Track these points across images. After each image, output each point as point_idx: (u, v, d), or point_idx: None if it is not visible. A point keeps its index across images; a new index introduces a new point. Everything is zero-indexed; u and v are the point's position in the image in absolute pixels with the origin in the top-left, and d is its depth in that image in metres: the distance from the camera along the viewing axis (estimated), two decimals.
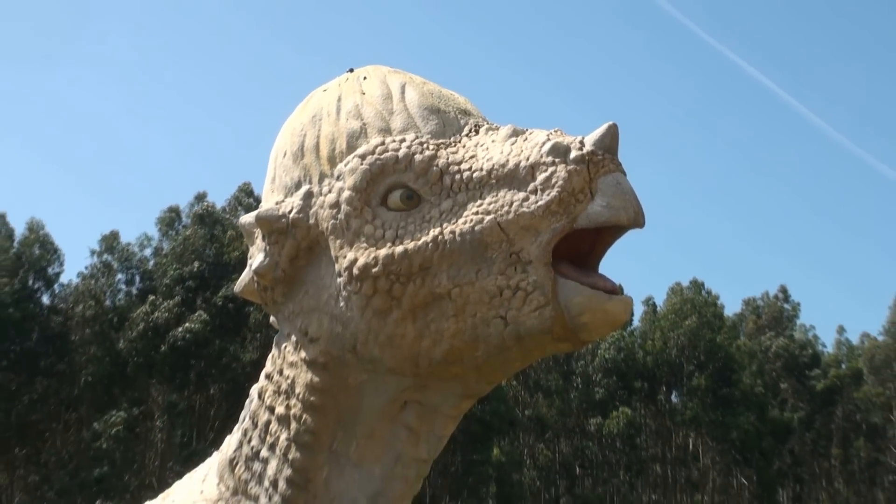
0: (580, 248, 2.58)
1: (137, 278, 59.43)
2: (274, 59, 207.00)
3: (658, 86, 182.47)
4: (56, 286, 57.99)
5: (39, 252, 57.81)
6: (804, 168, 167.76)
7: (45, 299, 57.17)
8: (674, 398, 70.54)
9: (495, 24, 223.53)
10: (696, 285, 72.40)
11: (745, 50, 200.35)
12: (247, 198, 58.24)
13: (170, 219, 59.70)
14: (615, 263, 2.56)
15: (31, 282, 56.42)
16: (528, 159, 2.55)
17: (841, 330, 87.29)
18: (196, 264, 55.64)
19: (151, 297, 55.02)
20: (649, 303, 74.38)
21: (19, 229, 58.34)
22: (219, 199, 61.26)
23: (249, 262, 2.98)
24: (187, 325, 52.35)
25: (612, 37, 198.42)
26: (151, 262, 59.22)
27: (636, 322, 71.91)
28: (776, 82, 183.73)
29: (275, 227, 2.80)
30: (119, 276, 59.70)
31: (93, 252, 59.54)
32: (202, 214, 57.72)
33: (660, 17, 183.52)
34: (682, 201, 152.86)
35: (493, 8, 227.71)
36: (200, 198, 58.82)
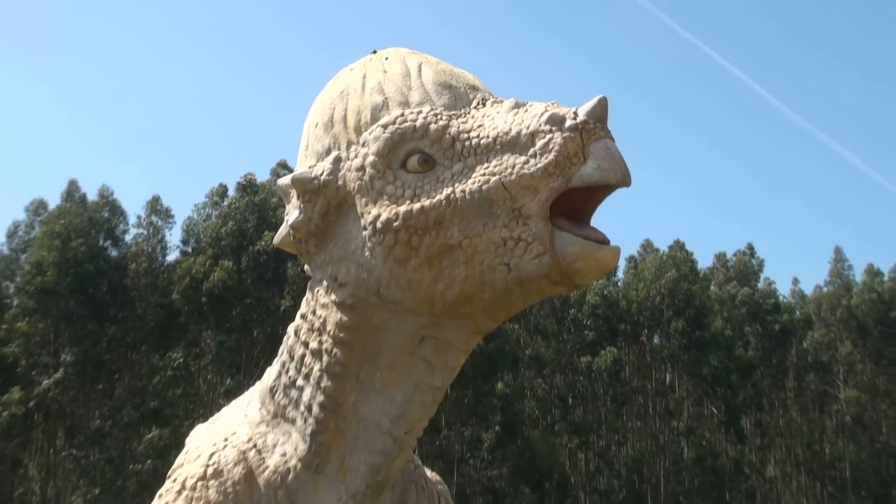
0: (574, 204, 2.67)
1: (189, 238, 61.43)
2: (310, 51, 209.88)
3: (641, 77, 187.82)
4: (122, 244, 60.11)
5: (108, 215, 59.74)
6: (764, 146, 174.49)
7: (113, 253, 59.26)
8: (655, 340, 72.37)
9: (491, 21, 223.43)
10: (678, 245, 74.23)
11: (700, 30, 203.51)
12: (284, 170, 56.86)
13: (221, 190, 62.09)
14: (604, 221, 2.75)
15: (101, 241, 58.42)
16: (528, 128, 2.65)
17: (795, 281, 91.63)
18: (238, 225, 57.50)
19: (198, 254, 57.28)
20: (632, 260, 76.36)
21: (91, 195, 60.39)
22: (261, 176, 62.38)
23: (286, 218, 3.09)
24: (216, 274, 54.35)
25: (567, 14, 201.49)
26: (202, 225, 60.72)
27: (620, 275, 74.03)
28: (753, 77, 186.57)
29: (308, 188, 2.93)
30: (167, 234, 62.37)
31: (141, 217, 61.64)
32: (245, 184, 59.90)
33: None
34: (664, 175, 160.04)
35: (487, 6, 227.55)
36: (248, 178, 60.43)
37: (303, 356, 3.02)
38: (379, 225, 2.76)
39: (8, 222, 72.76)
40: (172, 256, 61.98)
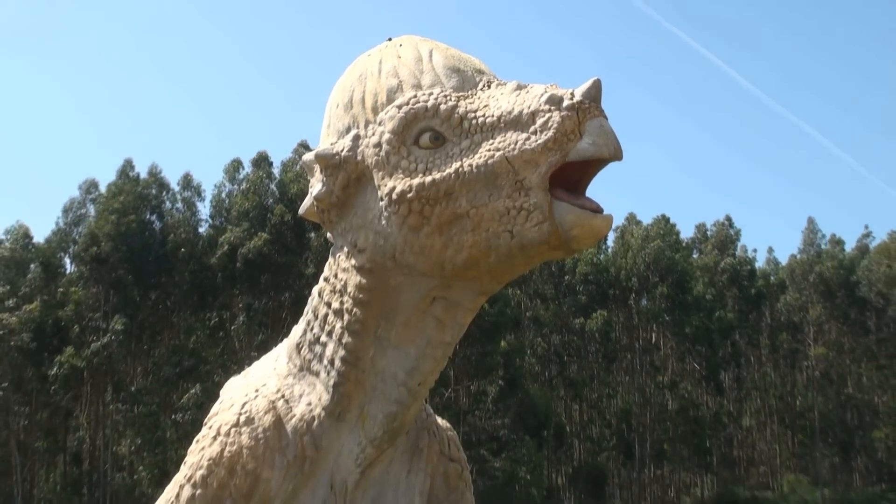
0: (571, 177, 2.64)
1: (216, 212, 61.62)
2: (328, 37, 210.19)
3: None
4: (167, 217, 60.30)
5: (156, 191, 60.06)
6: (742, 128, 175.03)
7: (157, 226, 59.36)
8: (642, 303, 72.25)
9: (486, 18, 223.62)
10: (663, 218, 73.93)
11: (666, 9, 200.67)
12: (305, 150, 60.64)
13: (236, 165, 62.17)
14: (598, 193, 2.73)
15: (147, 215, 58.62)
16: (529, 107, 2.63)
17: (771, 250, 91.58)
18: (260, 198, 57.84)
19: (234, 226, 56.99)
20: (619, 230, 75.28)
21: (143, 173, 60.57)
22: (277, 155, 64.02)
23: (310, 190, 3.07)
24: (252, 243, 54.36)
25: None
26: (226, 200, 61.17)
27: (609, 244, 73.90)
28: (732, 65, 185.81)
29: (330, 163, 2.91)
30: (200, 207, 61.76)
31: (176, 192, 61.88)
32: (258, 160, 60.48)
33: None
34: (650, 151, 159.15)
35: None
36: (261, 154, 61.10)
37: (326, 315, 3.02)
38: (394, 196, 2.74)
39: (65, 199, 73.03)
40: (202, 229, 62.55)
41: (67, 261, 62.67)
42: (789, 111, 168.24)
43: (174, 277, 58.12)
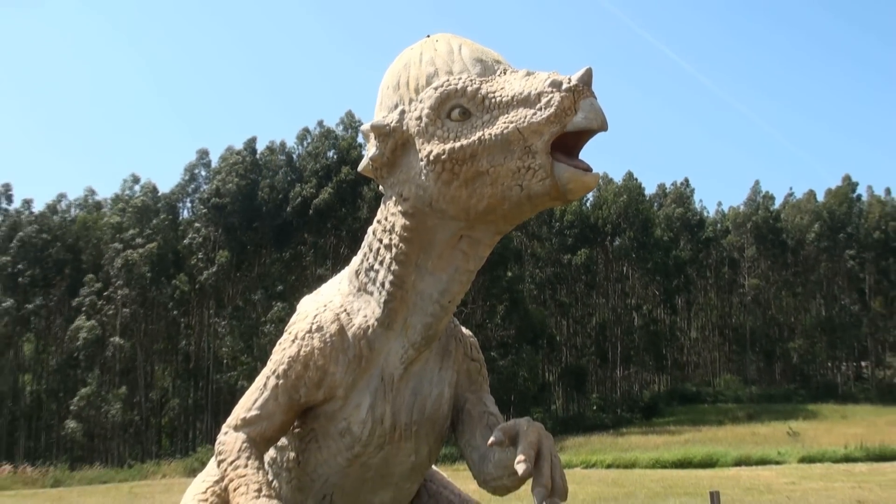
0: (568, 143, 2.57)
1: (292, 170, 60.78)
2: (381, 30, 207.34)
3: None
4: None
5: (266, 159, 60.96)
6: (700, 105, 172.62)
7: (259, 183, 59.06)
8: (615, 243, 72.39)
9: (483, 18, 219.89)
10: (630, 176, 73.92)
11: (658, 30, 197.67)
12: (353, 119, 59.96)
13: (303, 134, 62.11)
14: (589, 156, 2.60)
15: (257, 177, 59.21)
16: (536, 89, 2.56)
17: (720, 204, 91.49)
18: (323, 160, 58.20)
19: (306, 182, 57.71)
20: (598, 187, 73.31)
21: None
22: (331, 121, 64.19)
23: (366, 153, 2.97)
24: (322, 195, 55.46)
25: None
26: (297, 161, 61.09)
27: (590, 197, 72.18)
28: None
29: (382, 132, 2.83)
30: (281, 169, 60.96)
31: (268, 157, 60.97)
32: (323, 133, 60.55)
33: None
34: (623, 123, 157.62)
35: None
36: (320, 123, 61.37)
37: (378, 249, 2.99)
38: (431, 158, 2.70)
39: (185, 162, 74.60)
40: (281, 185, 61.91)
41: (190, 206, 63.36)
42: (738, 101, 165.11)
43: (264, 222, 58.22)
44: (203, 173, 61.74)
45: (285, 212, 57.49)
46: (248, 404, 3.03)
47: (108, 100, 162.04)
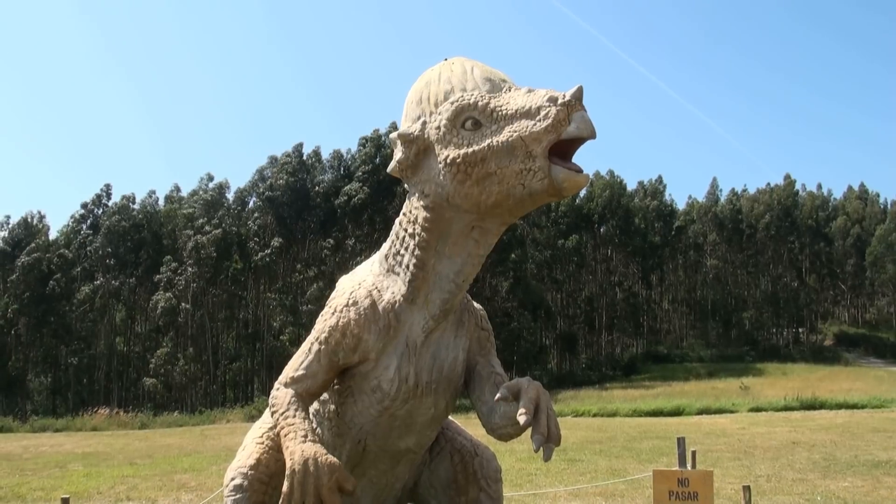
0: (563, 149, 2.50)
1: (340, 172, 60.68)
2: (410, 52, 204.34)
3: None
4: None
5: (313, 160, 60.75)
6: (672, 114, 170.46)
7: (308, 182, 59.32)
8: (601, 230, 72.39)
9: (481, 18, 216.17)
10: (612, 174, 73.76)
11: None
12: (394, 129, 59.64)
13: (364, 140, 60.44)
14: (579, 158, 2.47)
15: (306, 175, 59.38)
16: (536, 103, 2.48)
17: (690, 197, 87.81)
18: (371, 164, 57.36)
19: (350, 181, 57.71)
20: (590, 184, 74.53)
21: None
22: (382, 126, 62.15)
23: (394, 157, 2.90)
24: (361, 194, 55.32)
25: None
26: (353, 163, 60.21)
27: (581, 192, 70.47)
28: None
29: (407, 139, 2.78)
30: (331, 169, 61.05)
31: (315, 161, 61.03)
32: (371, 137, 59.75)
33: None
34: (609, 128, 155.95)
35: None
36: (375, 131, 60.32)
37: (404, 237, 2.95)
38: (448, 161, 2.64)
39: (256, 165, 74.60)
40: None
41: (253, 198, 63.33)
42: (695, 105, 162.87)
43: (312, 213, 58.37)
44: (269, 174, 61.77)
45: (332, 205, 57.39)
46: (295, 365, 3.03)
47: (195, 110, 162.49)
